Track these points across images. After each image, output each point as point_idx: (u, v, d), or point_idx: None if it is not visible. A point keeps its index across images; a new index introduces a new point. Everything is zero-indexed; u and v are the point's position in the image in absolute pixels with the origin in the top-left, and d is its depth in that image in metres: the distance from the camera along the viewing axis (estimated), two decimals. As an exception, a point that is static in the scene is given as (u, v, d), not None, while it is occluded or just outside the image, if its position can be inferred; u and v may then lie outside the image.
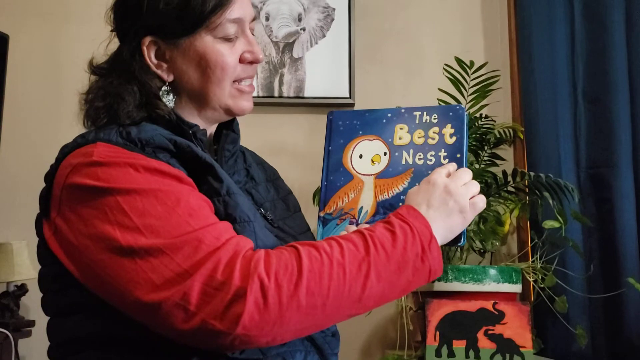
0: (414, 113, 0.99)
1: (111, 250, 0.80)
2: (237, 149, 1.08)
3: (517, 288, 1.71)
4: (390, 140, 0.98)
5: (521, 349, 1.58)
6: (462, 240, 0.91)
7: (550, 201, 1.80)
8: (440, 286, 1.68)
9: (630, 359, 1.86)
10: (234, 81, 1.00)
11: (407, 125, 0.98)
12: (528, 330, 1.60)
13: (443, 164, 0.94)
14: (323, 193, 0.99)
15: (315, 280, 0.77)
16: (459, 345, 1.59)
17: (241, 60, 0.99)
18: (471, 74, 1.86)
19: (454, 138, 0.95)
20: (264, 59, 1.00)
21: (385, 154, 0.98)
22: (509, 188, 1.85)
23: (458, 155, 0.94)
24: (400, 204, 0.93)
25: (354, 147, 1.00)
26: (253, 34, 1.02)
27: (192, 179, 0.88)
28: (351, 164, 0.99)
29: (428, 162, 0.95)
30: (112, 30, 1.02)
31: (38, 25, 2.22)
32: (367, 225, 0.91)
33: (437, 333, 1.61)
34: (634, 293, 1.82)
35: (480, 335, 1.60)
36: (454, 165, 0.94)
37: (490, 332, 1.60)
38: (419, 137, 0.97)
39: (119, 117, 0.93)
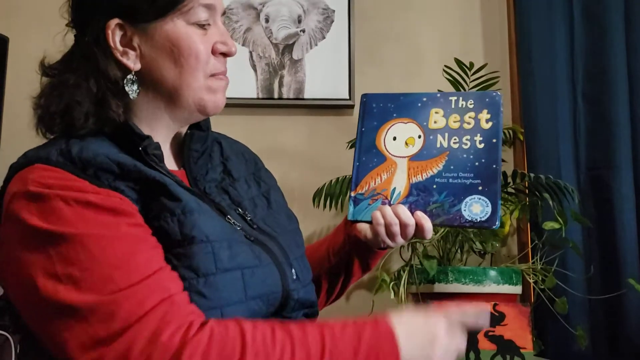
0: (450, 98, 0.99)
1: (32, 296, 0.74)
2: (208, 145, 1.00)
3: (517, 289, 1.71)
4: (425, 123, 0.98)
5: (521, 350, 1.58)
6: (496, 223, 0.92)
7: (550, 202, 1.80)
8: (441, 288, 1.68)
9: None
10: (209, 76, 0.92)
11: (443, 110, 0.99)
12: (528, 331, 1.60)
13: (479, 148, 0.94)
14: (355, 173, 0.98)
15: None
16: (460, 346, 1.59)
17: (213, 52, 0.91)
18: (471, 76, 1.86)
19: (490, 123, 0.96)
20: (236, 52, 0.96)
21: (419, 136, 0.98)
22: (509, 189, 1.85)
23: (494, 140, 0.95)
24: (434, 186, 0.94)
25: (388, 129, 1.00)
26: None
27: (144, 198, 0.83)
28: (384, 145, 0.99)
29: (463, 146, 0.96)
30: (68, 24, 0.93)
31: (37, 27, 2.22)
32: (401, 205, 0.90)
33: (438, 334, 1.60)
34: (634, 294, 1.82)
35: (480, 336, 1.59)
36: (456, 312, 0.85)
37: (490, 333, 1.60)
38: (454, 122, 0.98)
39: (75, 126, 0.86)
